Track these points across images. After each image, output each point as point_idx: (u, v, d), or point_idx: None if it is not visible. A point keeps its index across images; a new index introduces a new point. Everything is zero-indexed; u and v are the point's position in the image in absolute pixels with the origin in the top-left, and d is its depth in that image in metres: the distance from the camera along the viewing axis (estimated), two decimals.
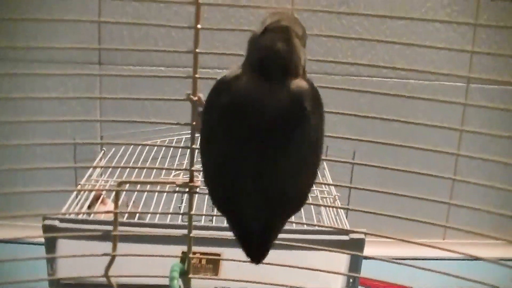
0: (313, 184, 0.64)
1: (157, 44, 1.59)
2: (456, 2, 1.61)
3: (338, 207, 1.08)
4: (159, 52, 1.53)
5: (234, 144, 0.57)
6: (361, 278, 0.93)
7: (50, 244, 0.88)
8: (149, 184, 1.12)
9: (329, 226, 0.97)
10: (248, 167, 0.56)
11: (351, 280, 0.89)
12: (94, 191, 1.12)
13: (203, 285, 0.85)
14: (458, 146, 1.65)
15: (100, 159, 1.27)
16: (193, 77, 0.73)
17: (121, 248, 0.80)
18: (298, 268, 0.79)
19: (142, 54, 1.55)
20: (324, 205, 1.12)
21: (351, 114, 0.77)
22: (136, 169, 1.16)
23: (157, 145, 0.91)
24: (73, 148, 1.30)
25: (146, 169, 1.16)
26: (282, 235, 0.62)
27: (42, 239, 0.88)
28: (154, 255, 0.80)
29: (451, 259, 1.01)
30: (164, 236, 0.86)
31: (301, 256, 0.83)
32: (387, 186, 0.80)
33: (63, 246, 0.87)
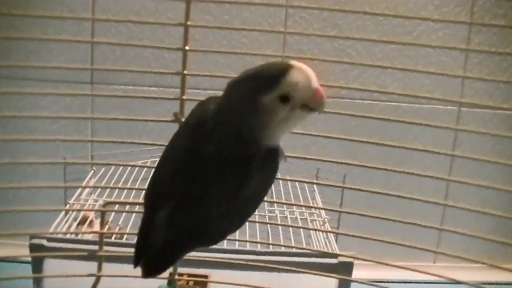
0: (235, 231, 0.62)
1: (150, 65, 1.60)
2: (448, 27, 1.62)
3: (327, 231, 1.08)
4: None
5: (175, 163, 0.56)
6: None
7: (37, 263, 0.87)
8: (138, 205, 1.11)
9: (317, 250, 0.97)
10: (178, 189, 0.55)
11: None
12: (82, 211, 1.11)
13: None
14: (450, 170, 1.66)
15: (90, 178, 1.26)
16: (181, 99, 0.75)
17: (108, 268, 0.79)
18: None
19: (134, 74, 1.55)
20: (314, 229, 1.12)
21: (342, 138, 0.78)
22: (126, 190, 1.16)
23: (147, 166, 0.92)
24: (63, 167, 1.30)
25: (136, 190, 1.15)
26: (271, 258, 0.62)
27: (29, 258, 0.87)
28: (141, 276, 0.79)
29: (441, 283, 1.00)
30: None
31: (290, 279, 0.82)
32: (378, 208, 0.79)
33: (50, 265, 0.87)
